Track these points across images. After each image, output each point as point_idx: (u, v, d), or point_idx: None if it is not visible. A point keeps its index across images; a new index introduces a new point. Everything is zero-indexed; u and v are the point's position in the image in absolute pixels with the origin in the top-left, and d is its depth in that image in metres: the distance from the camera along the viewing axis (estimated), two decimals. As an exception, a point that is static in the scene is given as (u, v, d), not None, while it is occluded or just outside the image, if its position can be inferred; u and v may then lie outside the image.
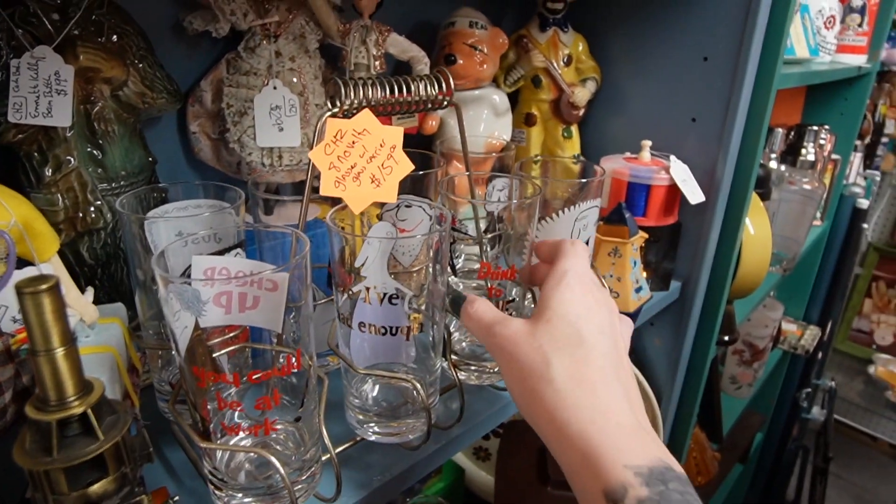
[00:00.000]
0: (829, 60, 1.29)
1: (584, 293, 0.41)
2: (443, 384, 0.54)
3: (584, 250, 0.45)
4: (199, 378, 0.37)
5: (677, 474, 0.33)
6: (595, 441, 0.34)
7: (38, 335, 0.32)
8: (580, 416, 0.35)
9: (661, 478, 0.32)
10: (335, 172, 0.47)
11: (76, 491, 0.34)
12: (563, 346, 0.38)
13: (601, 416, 0.35)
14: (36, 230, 0.42)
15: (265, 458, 0.39)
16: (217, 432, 0.41)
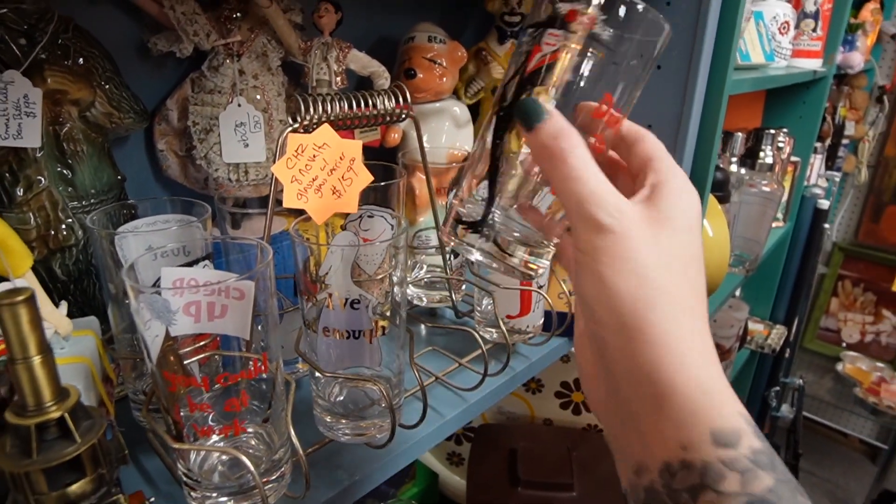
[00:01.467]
0: (785, 65, 1.34)
1: (697, 210, 0.34)
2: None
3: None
4: (170, 383, 0.39)
5: None
6: (711, 380, 0.30)
7: (16, 344, 0.33)
8: (698, 350, 0.31)
9: (763, 436, 0.30)
10: (297, 185, 0.49)
11: (56, 491, 0.35)
12: (687, 264, 0.32)
13: (713, 356, 0.31)
14: (10, 247, 0.44)
15: (236, 457, 0.41)
16: (190, 436, 0.43)
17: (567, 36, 0.34)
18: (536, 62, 0.35)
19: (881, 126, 2.24)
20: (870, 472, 2.40)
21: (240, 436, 0.46)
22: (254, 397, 0.44)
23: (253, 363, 0.41)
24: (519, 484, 0.96)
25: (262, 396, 0.45)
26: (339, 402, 0.54)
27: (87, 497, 0.37)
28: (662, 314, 0.30)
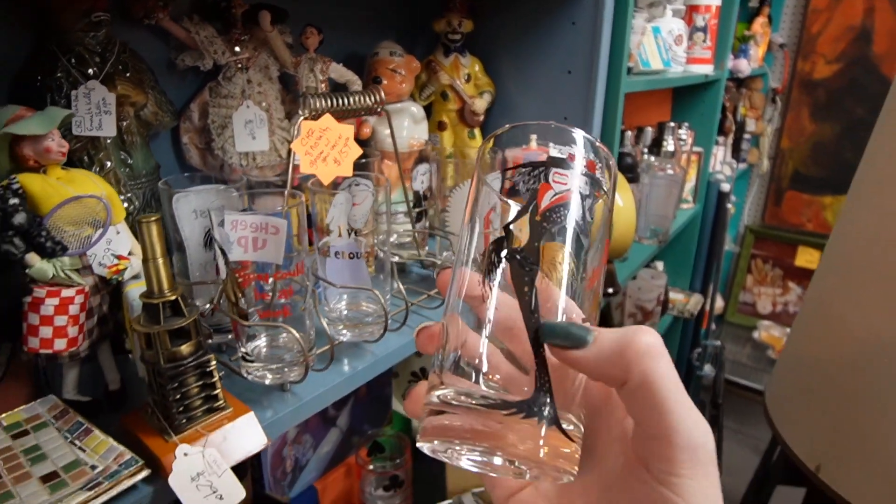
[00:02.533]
0: (682, 70, 1.60)
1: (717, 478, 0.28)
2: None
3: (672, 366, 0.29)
4: (241, 279, 0.59)
5: None
6: None
7: (149, 249, 0.52)
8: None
9: None
10: (309, 157, 0.69)
11: (174, 348, 0.54)
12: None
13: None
14: (113, 202, 0.62)
15: (290, 333, 0.60)
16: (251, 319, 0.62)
17: (574, 176, 0.31)
18: (550, 200, 0.31)
19: (776, 122, 2.57)
20: None
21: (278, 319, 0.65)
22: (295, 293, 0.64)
23: (296, 266, 0.61)
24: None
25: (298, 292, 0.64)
26: (343, 315, 0.74)
27: (192, 354, 0.56)
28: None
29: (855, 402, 0.66)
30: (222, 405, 0.58)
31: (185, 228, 0.71)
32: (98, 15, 0.71)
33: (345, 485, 1.14)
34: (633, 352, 0.28)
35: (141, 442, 0.55)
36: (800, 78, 2.50)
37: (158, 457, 0.53)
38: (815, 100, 2.49)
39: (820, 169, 2.56)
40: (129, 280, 0.64)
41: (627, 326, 0.28)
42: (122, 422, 0.58)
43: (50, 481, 0.50)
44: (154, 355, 0.54)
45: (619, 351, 0.28)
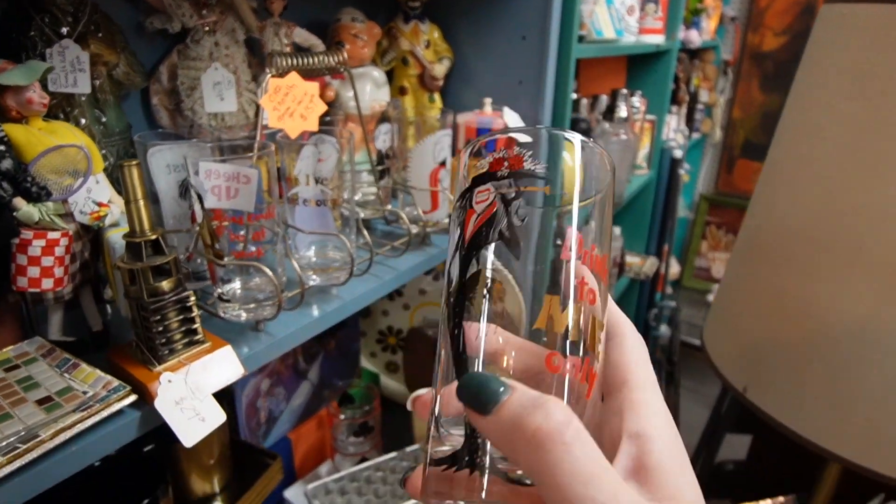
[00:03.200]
0: (634, 40, 1.67)
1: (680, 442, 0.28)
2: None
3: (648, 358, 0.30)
4: (217, 222, 0.63)
5: None
6: None
7: (131, 191, 0.57)
8: None
9: None
10: (277, 112, 0.74)
11: (156, 283, 0.59)
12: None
13: None
14: (92, 152, 0.66)
15: (262, 270, 0.65)
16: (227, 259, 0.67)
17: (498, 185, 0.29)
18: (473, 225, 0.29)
19: (728, 93, 2.67)
20: None
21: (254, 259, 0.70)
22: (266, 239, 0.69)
23: (268, 208, 0.66)
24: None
25: (271, 236, 0.69)
26: (312, 261, 0.79)
27: (173, 290, 0.60)
28: None
29: (776, 328, 0.73)
30: (201, 339, 0.63)
31: (160, 181, 0.75)
32: (69, -24, 0.74)
33: (317, 435, 1.19)
34: (521, 440, 0.24)
35: (127, 372, 0.59)
36: (750, 50, 2.60)
37: (144, 384, 0.57)
38: (764, 71, 2.59)
39: (769, 138, 2.64)
40: (109, 227, 0.68)
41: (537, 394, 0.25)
42: (108, 357, 0.62)
43: (45, 404, 0.54)
44: (137, 290, 0.59)
45: (509, 434, 0.24)
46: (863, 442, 0.64)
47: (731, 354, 0.81)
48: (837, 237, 0.67)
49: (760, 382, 0.73)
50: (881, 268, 0.63)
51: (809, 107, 0.76)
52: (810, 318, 0.68)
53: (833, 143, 0.69)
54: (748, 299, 0.78)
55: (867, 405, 0.64)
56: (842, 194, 0.67)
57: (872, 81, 0.65)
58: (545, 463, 0.23)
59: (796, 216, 0.73)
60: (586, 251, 0.29)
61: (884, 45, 0.64)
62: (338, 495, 1.06)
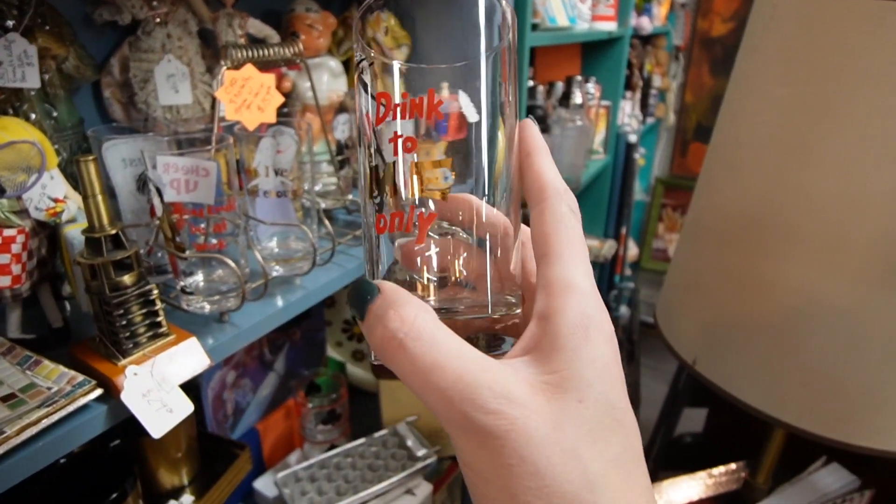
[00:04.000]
0: (587, 27, 1.70)
1: (611, 346, 0.26)
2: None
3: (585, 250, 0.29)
4: (177, 217, 0.64)
5: None
6: None
7: (88, 186, 0.57)
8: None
9: None
10: (234, 105, 0.74)
11: (118, 278, 0.59)
12: (609, 448, 0.24)
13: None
14: (46, 148, 0.65)
15: (225, 262, 0.66)
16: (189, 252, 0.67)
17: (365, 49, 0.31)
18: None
19: (680, 78, 2.73)
20: None
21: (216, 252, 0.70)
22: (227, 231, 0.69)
23: (228, 200, 0.66)
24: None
25: (232, 227, 0.69)
26: (274, 252, 0.79)
27: (135, 284, 0.60)
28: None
29: (723, 303, 0.77)
30: (166, 332, 0.63)
31: (117, 176, 0.74)
32: (14, -32, 0.72)
33: (285, 425, 1.20)
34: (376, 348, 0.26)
35: (91, 367, 0.59)
36: (699, 36, 2.66)
37: (110, 378, 0.58)
38: (713, 56, 2.66)
39: (719, 120, 2.73)
40: (66, 223, 0.68)
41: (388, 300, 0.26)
42: (71, 352, 0.62)
43: (9, 401, 0.54)
44: (99, 285, 0.59)
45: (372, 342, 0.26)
46: (804, 408, 0.68)
47: (681, 329, 0.85)
48: (776, 217, 0.70)
49: (709, 355, 0.77)
50: (816, 244, 0.66)
51: (747, 92, 0.79)
52: (754, 294, 0.71)
53: (768, 127, 0.73)
54: (696, 277, 0.82)
55: (807, 373, 0.68)
56: (778, 176, 0.71)
57: (801, 67, 0.68)
58: (393, 365, 0.25)
59: (738, 198, 0.77)
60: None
61: (812, 31, 0.67)
62: (308, 482, 1.07)
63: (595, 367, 0.25)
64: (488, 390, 0.23)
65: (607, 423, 0.24)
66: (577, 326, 0.25)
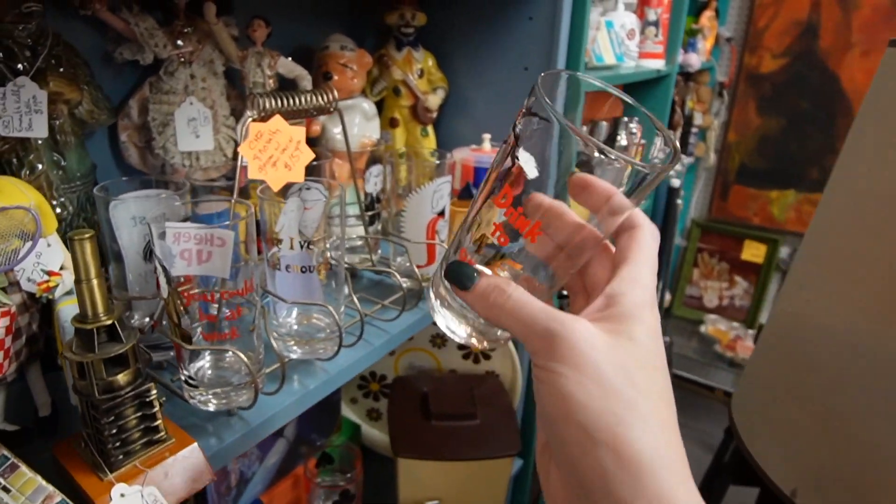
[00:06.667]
0: (634, 65, 1.60)
1: (658, 319, 0.33)
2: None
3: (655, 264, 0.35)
4: (185, 300, 0.55)
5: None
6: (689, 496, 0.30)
7: (82, 269, 0.48)
8: (673, 469, 0.29)
9: None
10: (258, 161, 0.65)
11: (110, 377, 0.50)
12: (649, 376, 0.31)
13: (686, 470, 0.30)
14: (43, 211, 0.57)
15: (235, 354, 0.57)
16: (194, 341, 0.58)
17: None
18: None
19: (723, 116, 2.62)
20: None
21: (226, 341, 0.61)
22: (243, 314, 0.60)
23: (244, 283, 0.57)
24: (431, 417, 1.15)
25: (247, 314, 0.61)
26: (294, 330, 0.70)
27: (130, 384, 0.52)
28: (635, 430, 0.29)
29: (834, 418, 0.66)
30: (163, 437, 0.54)
31: (123, 237, 0.66)
32: (28, 5, 0.65)
33: (292, 496, 1.10)
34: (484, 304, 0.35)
35: (73, 480, 0.51)
36: (746, 72, 2.55)
37: (92, 499, 0.49)
38: (761, 94, 2.54)
39: (766, 162, 2.60)
40: (62, 297, 0.59)
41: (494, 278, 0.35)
42: (54, 453, 0.54)
43: (-29, 526, 0.46)
44: (88, 386, 0.50)
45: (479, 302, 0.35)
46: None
47: (772, 442, 0.73)
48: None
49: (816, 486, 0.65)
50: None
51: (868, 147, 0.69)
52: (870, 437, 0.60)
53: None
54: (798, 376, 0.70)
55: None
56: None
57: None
58: (501, 307, 0.33)
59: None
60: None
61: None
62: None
63: (645, 330, 0.32)
64: (565, 315, 0.32)
65: (652, 364, 0.31)
66: (636, 305, 0.32)
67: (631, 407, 0.29)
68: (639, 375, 0.30)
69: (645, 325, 0.32)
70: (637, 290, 0.33)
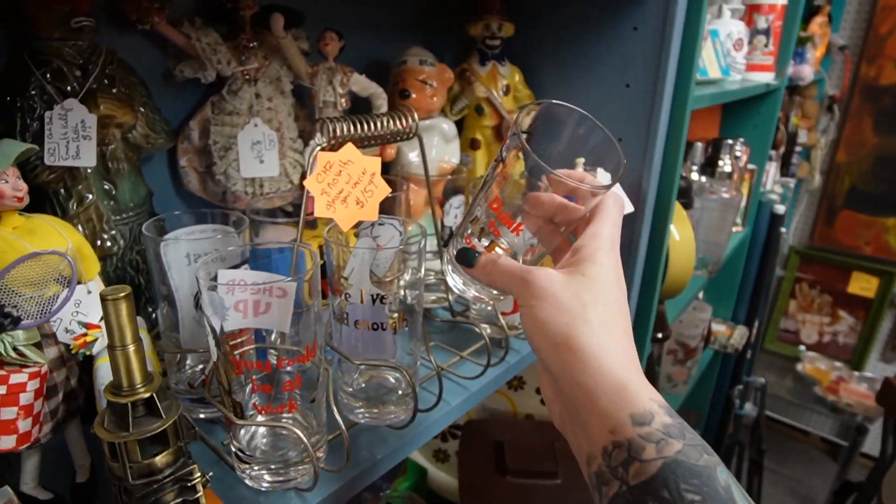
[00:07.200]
0: (740, 79, 1.45)
1: (616, 262, 0.44)
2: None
3: (622, 211, 0.47)
4: (236, 367, 0.46)
5: None
6: (625, 376, 0.38)
7: (116, 333, 0.40)
8: (612, 355, 0.38)
9: (677, 415, 0.38)
10: (326, 197, 0.57)
11: (146, 460, 0.42)
12: (598, 298, 0.41)
13: (628, 360, 0.39)
14: (84, 254, 0.50)
15: (292, 432, 0.48)
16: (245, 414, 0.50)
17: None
18: None
19: (832, 133, 2.38)
20: (830, 469, 2.47)
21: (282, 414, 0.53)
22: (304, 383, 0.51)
23: (305, 349, 0.48)
24: (507, 473, 1.03)
25: (307, 381, 0.52)
26: (362, 388, 0.61)
27: (169, 466, 0.43)
28: (583, 332, 0.39)
29: None
30: (207, 526, 0.46)
31: (175, 277, 0.58)
32: (79, 20, 0.58)
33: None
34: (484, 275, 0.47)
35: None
36: (862, 84, 2.30)
37: None
38: (879, 109, 2.28)
39: (882, 186, 2.35)
40: (102, 351, 0.52)
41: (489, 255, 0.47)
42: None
43: None
44: (121, 468, 0.42)
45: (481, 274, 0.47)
46: None
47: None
48: None
49: None
50: None
51: None
52: None
53: None
54: None
55: None
56: None
57: None
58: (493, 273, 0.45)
59: None
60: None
61: None
62: None
63: (597, 268, 0.42)
64: (535, 268, 0.44)
65: (606, 294, 0.42)
66: (592, 251, 0.43)
67: (579, 317, 0.40)
68: (587, 297, 0.41)
69: (597, 265, 0.42)
70: (595, 241, 0.43)
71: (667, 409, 0.37)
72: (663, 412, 0.37)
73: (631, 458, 0.36)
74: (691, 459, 0.34)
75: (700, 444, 0.36)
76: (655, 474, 0.34)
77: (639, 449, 0.36)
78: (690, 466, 0.34)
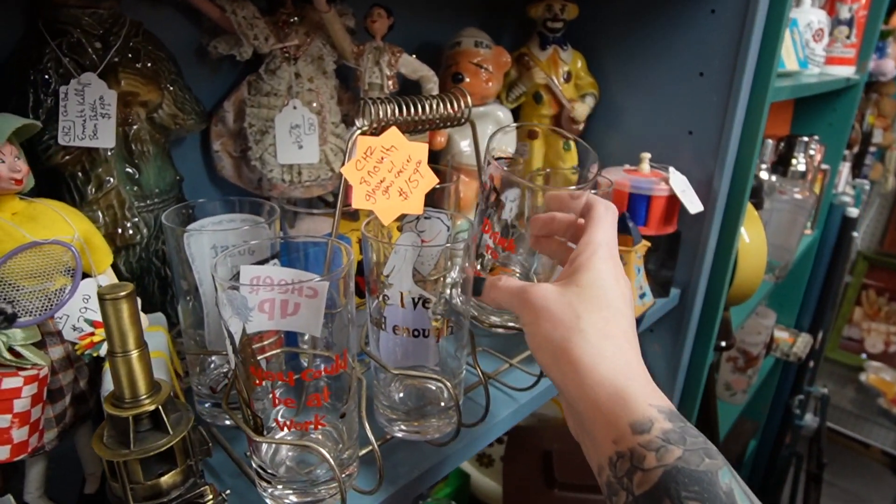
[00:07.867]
0: (818, 72, 1.34)
1: (613, 266, 0.43)
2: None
3: (615, 217, 0.47)
4: (255, 377, 0.40)
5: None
6: (623, 383, 0.37)
7: (117, 338, 0.35)
8: (609, 363, 0.38)
9: (679, 417, 0.37)
10: (366, 187, 0.50)
11: (150, 480, 0.37)
12: (593, 306, 0.41)
13: (626, 366, 0.39)
14: (94, 244, 0.45)
15: (313, 451, 0.42)
16: (267, 429, 0.44)
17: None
18: None
19: (910, 134, 2.23)
20: (891, 484, 2.37)
21: (308, 432, 0.47)
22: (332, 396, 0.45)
23: (335, 359, 0.42)
24: (555, 485, 0.96)
25: (337, 393, 0.46)
26: (400, 399, 0.55)
27: (177, 487, 0.38)
28: (577, 344, 0.39)
29: None
30: (219, 556, 0.40)
31: (199, 270, 0.53)
32: (100, -13, 0.53)
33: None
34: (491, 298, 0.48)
35: None
36: (946, 81, 2.14)
37: None
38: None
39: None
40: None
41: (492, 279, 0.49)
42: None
43: None
44: (121, 489, 0.37)
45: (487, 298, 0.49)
46: None
47: None
48: None
49: None
50: None
51: None
52: None
53: None
54: None
55: None
56: None
57: None
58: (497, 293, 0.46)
59: None
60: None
61: None
62: None
63: (591, 276, 0.42)
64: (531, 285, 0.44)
65: (601, 301, 0.41)
66: (586, 259, 0.43)
67: (573, 329, 0.40)
68: (581, 306, 0.41)
69: (592, 272, 0.43)
70: (588, 249, 0.44)
71: (667, 413, 0.37)
72: (663, 417, 0.36)
73: (634, 468, 0.35)
74: (692, 465, 0.34)
75: (702, 448, 0.35)
76: (657, 483, 0.34)
77: (640, 458, 0.35)
78: (691, 472, 0.34)
